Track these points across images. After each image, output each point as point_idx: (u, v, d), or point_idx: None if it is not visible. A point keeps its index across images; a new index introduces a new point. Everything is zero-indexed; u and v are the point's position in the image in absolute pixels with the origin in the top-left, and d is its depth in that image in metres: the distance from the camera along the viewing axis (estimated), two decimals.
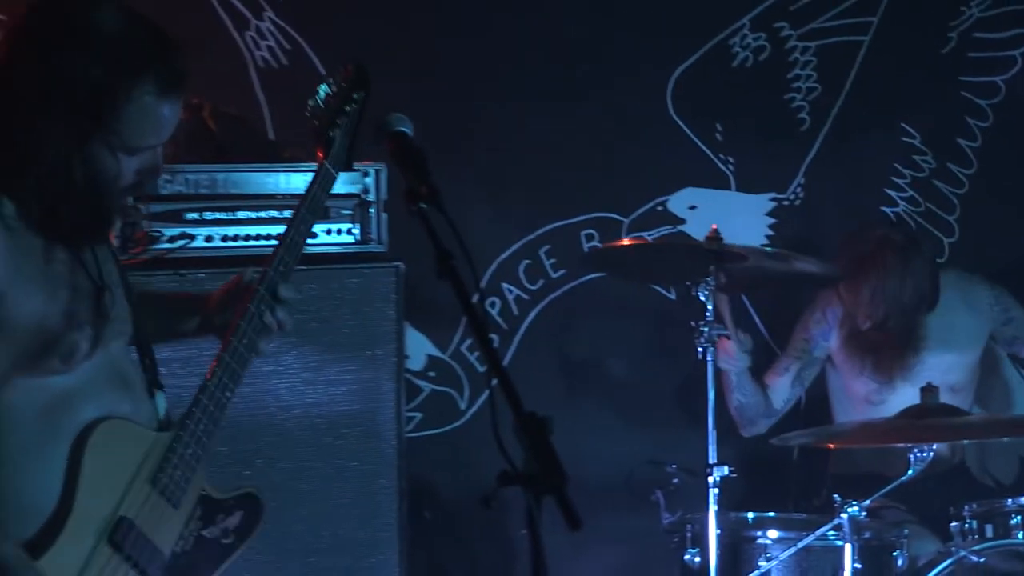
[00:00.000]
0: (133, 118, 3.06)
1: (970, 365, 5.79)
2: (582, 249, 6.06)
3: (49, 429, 3.11)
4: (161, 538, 3.21)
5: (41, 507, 3.08)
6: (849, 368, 5.81)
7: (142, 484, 3.19)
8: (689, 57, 6.20)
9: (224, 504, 3.36)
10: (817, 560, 4.97)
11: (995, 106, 6.50)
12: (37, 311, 3.07)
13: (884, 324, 5.61)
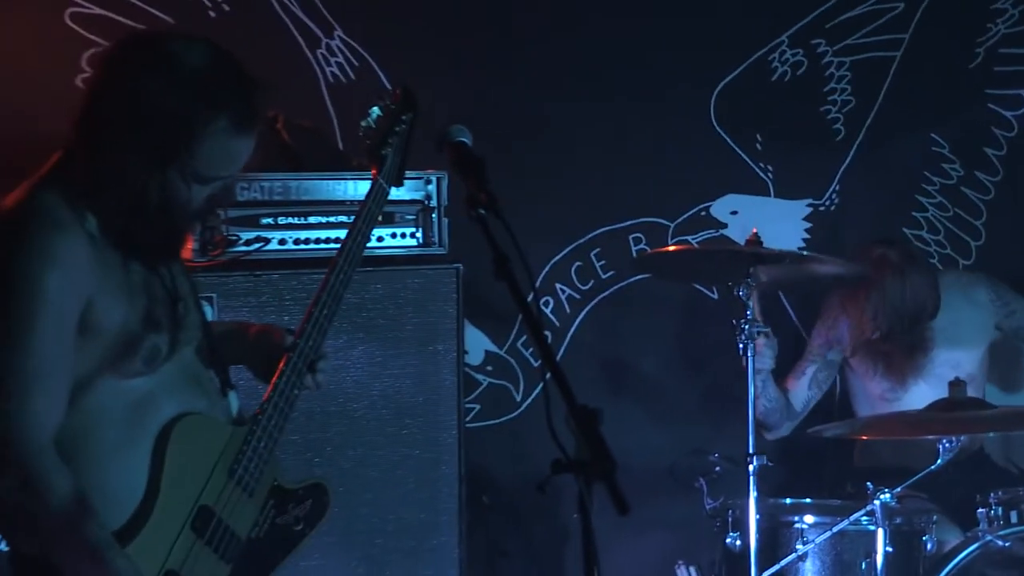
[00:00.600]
0: (208, 150, 3.08)
1: (977, 358, 5.76)
2: (630, 252, 6.06)
3: (134, 427, 3.15)
4: (238, 525, 3.25)
5: (128, 498, 3.12)
6: (863, 371, 5.80)
7: (221, 475, 3.23)
8: (731, 72, 6.18)
9: (295, 493, 3.40)
10: (851, 544, 4.95)
11: (1020, 117, 6.47)
12: (121, 317, 3.11)
13: (890, 335, 5.61)
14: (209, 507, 3.20)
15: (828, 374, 5.87)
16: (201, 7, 5.44)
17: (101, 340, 3.09)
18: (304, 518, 3.41)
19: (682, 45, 6.05)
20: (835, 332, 5.81)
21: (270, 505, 3.34)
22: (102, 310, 3.08)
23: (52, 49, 5.25)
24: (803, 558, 4.96)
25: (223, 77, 3.11)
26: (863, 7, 6.30)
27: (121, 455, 3.13)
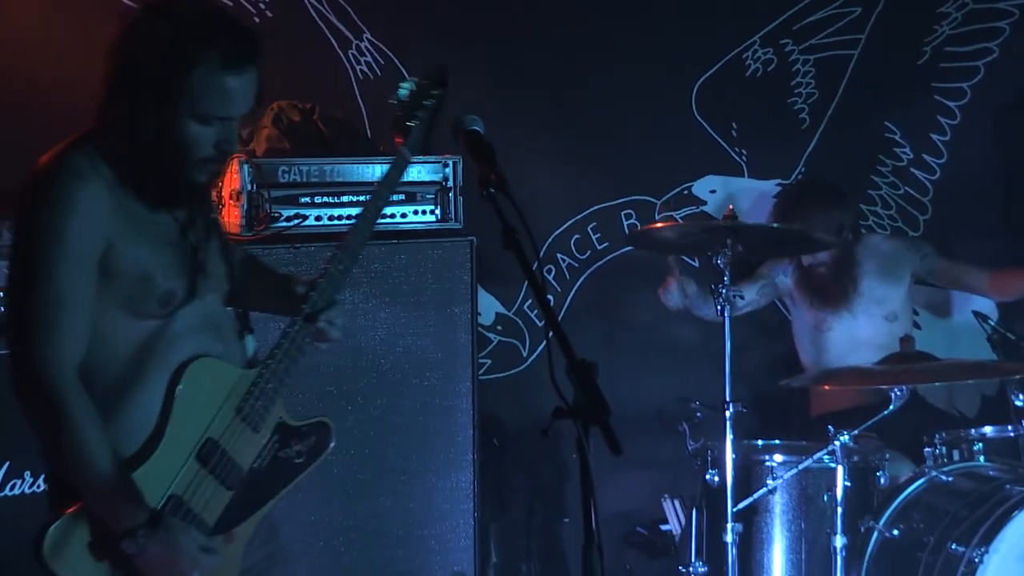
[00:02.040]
0: (200, 86, 2.99)
1: (900, 296, 5.79)
2: (622, 226, 6.07)
3: (150, 364, 3.10)
4: (241, 456, 3.20)
5: (139, 429, 3.09)
6: (801, 301, 5.87)
7: (228, 412, 3.18)
8: (710, 68, 6.18)
9: (298, 430, 3.33)
10: (814, 479, 4.95)
11: (962, 107, 6.46)
12: (140, 261, 3.05)
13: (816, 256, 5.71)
14: (214, 440, 3.15)
15: (771, 291, 5.95)
16: (247, 12, 5.44)
17: (119, 282, 3.05)
18: (306, 452, 3.33)
19: (668, 45, 6.05)
20: (780, 264, 5.90)
21: (273, 440, 3.27)
22: (121, 254, 3.04)
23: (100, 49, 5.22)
24: (773, 492, 4.96)
25: (213, 21, 3.04)
26: (825, 11, 6.29)
27: (136, 389, 3.09)
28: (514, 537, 5.27)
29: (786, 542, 5.01)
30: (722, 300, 4.85)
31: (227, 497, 3.18)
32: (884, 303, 5.74)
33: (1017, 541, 4.53)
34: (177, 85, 2.98)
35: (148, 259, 3.07)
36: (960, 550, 4.54)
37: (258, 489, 3.25)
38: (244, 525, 3.23)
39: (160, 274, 3.08)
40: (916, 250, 5.84)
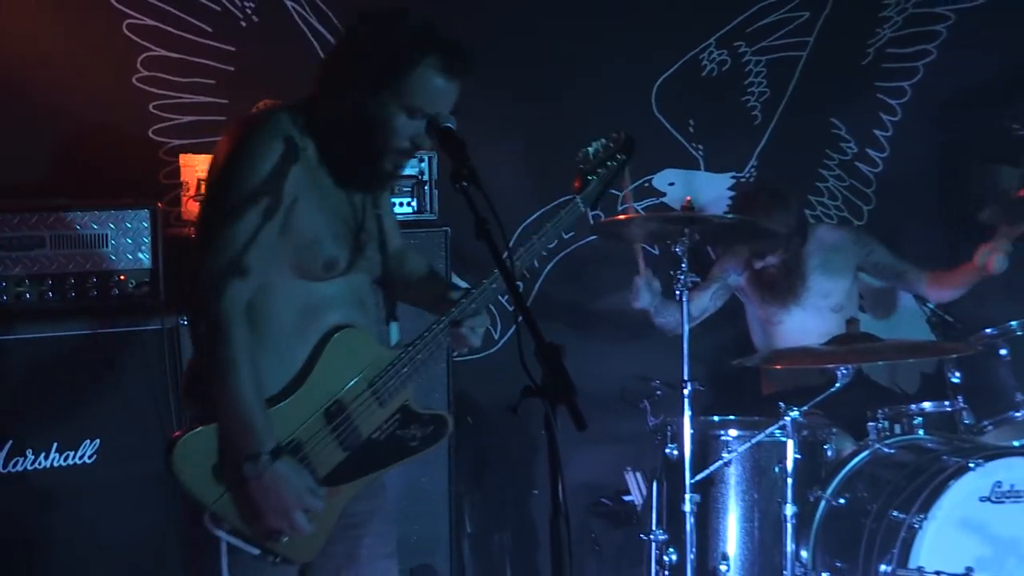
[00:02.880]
0: (417, 82, 3.14)
1: (844, 290, 5.78)
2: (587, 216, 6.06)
3: (305, 321, 3.22)
4: (363, 425, 3.29)
5: (284, 375, 3.21)
6: (752, 297, 5.88)
7: (362, 383, 3.28)
8: (669, 69, 6.18)
9: (420, 416, 3.41)
10: (766, 452, 4.98)
11: (903, 104, 6.49)
12: (314, 226, 3.18)
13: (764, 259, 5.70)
14: (343, 403, 3.25)
15: (725, 292, 5.94)
16: (234, 18, 5.42)
17: (294, 240, 3.15)
18: (422, 438, 3.40)
19: (630, 47, 6.04)
20: (731, 264, 5.89)
21: (395, 418, 3.36)
22: (301, 213, 3.15)
23: (111, 54, 5.22)
24: (728, 464, 4.98)
25: (438, 33, 3.18)
26: (775, 15, 6.29)
27: (289, 340, 3.20)
28: (487, 509, 5.27)
29: (740, 511, 5.03)
30: (680, 285, 4.85)
31: (341, 456, 3.27)
32: (830, 296, 5.74)
33: (953, 508, 4.56)
34: (397, 79, 3.13)
35: (322, 225, 3.19)
36: (901, 517, 4.57)
37: (371, 457, 3.33)
38: (349, 485, 3.32)
39: (328, 241, 3.20)
40: (863, 246, 5.83)
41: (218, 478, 3.13)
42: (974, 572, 4.43)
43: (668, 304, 5.54)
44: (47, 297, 4.34)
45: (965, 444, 4.90)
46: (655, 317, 5.62)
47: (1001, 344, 5.03)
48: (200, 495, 3.13)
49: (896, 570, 4.49)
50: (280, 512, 3.13)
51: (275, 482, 3.10)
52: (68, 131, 5.10)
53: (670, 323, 5.60)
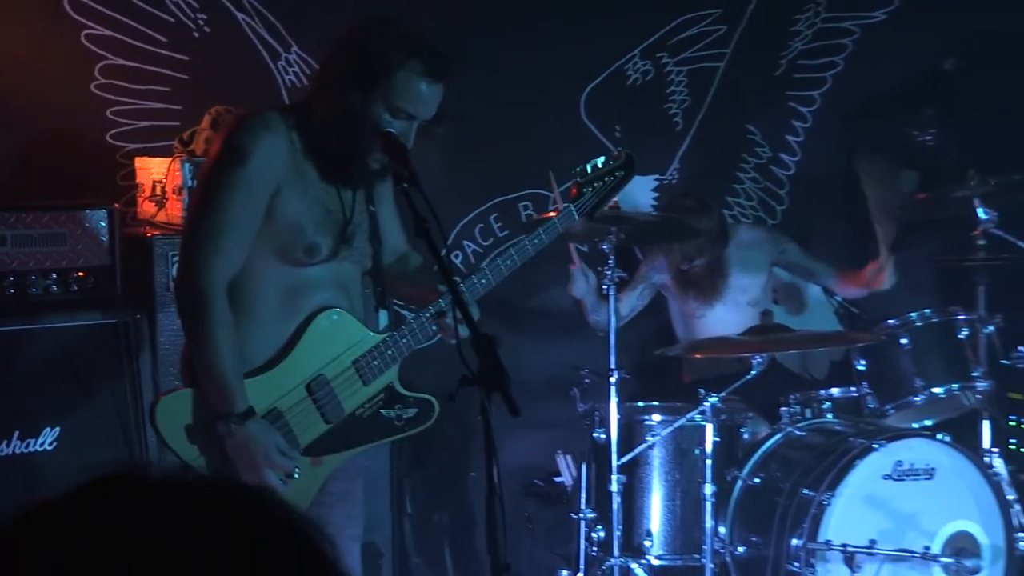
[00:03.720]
0: (402, 83, 3.18)
1: (760, 285, 5.80)
2: (520, 216, 6.07)
3: (289, 303, 3.28)
4: (346, 400, 3.34)
5: (266, 350, 3.29)
6: (676, 295, 5.89)
7: (346, 361, 3.33)
8: (597, 78, 6.19)
9: (404, 398, 3.44)
10: (688, 435, 5.00)
11: (813, 112, 6.53)
12: (297, 213, 3.23)
13: (693, 262, 5.71)
14: (326, 377, 3.29)
15: (651, 291, 5.94)
16: (188, 29, 5.37)
17: (277, 226, 3.22)
18: (407, 420, 3.43)
19: (560, 58, 6.04)
20: (656, 264, 5.89)
21: (379, 397, 3.38)
22: (284, 201, 3.21)
23: (70, 63, 5.16)
24: (652, 447, 5.00)
25: (422, 39, 3.24)
26: (695, 28, 6.32)
27: (274, 319, 3.27)
28: (427, 490, 5.26)
29: (663, 490, 5.05)
30: (607, 280, 4.87)
31: (323, 428, 3.31)
32: (748, 291, 5.77)
33: (859, 486, 4.61)
34: (383, 80, 3.17)
35: (304, 213, 3.24)
36: (811, 494, 4.60)
37: (354, 432, 3.36)
38: (332, 456, 3.35)
39: (310, 228, 3.24)
40: (776, 244, 5.86)
41: (196, 438, 3.19)
42: (877, 544, 4.48)
43: (602, 303, 5.56)
44: (9, 293, 4.29)
45: (869, 427, 4.95)
46: (590, 315, 5.63)
47: (902, 334, 5.09)
48: (182, 453, 3.20)
49: (806, 544, 4.53)
50: (252, 469, 3.17)
51: (246, 441, 3.15)
52: (29, 136, 5.05)
53: (603, 321, 5.61)
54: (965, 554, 4.66)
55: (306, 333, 3.26)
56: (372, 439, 3.40)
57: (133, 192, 4.95)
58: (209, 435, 3.18)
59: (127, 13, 5.26)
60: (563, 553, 5.19)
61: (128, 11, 5.27)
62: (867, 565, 4.46)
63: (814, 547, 4.52)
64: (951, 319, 5.12)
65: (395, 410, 3.40)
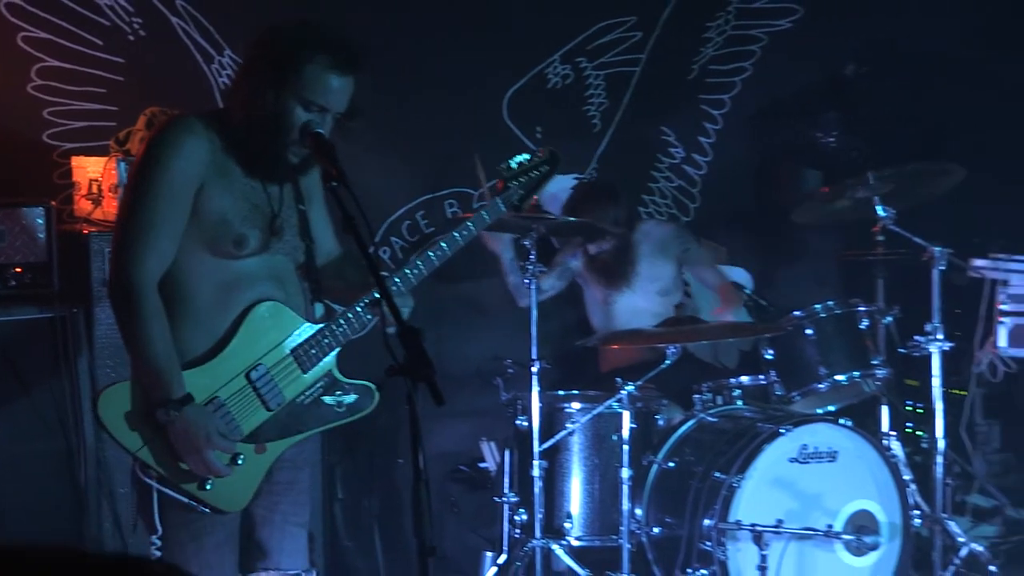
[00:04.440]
0: (310, 79, 3.16)
1: (670, 276, 5.82)
2: (445, 213, 6.06)
3: (224, 297, 3.24)
4: (286, 388, 3.30)
5: (205, 341, 3.24)
6: (590, 280, 5.89)
7: (283, 350, 3.29)
8: (519, 81, 6.19)
9: (344, 385, 3.40)
10: (606, 422, 5.01)
11: (723, 115, 6.58)
12: (222, 208, 3.20)
13: (600, 246, 5.72)
14: (265, 366, 3.26)
15: (568, 274, 5.93)
16: (123, 32, 5.31)
17: (204, 221, 3.19)
18: (348, 406, 3.40)
19: (484, 63, 6.04)
20: (570, 252, 5.91)
21: (320, 385, 3.35)
22: (208, 198, 3.19)
23: (6, 65, 5.08)
24: (572, 434, 5.00)
25: (329, 34, 3.22)
26: (612, 35, 6.34)
27: (211, 312, 3.23)
28: (357, 477, 5.24)
29: (583, 474, 5.06)
30: (529, 275, 4.88)
31: (265, 415, 3.27)
32: (657, 281, 5.80)
33: (767, 468, 4.64)
34: (293, 75, 3.15)
35: (229, 208, 3.21)
36: (722, 477, 4.63)
37: (295, 419, 3.32)
38: (276, 443, 3.30)
39: (237, 221, 3.21)
40: (682, 242, 5.86)
41: (138, 428, 3.15)
42: (784, 523, 4.51)
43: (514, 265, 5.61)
44: None
45: (777, 412, 4.99)
46: (520, 300, 5.64)
47: (807, 325, 5.12)
48: (125, 443, 3.16)
49: (718, 524, 4.56)
50: (194, 453, 3.14)
51: (185, 426, 3.11)
52: None
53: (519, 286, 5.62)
54: (865, 531, 4.72)
55: (244, 324, 3.23)
56: (314, 425, 3.37)
57: (70, 190, 4.88)
58: (151, 424, 3.14)
59: (63, 16, 5.19)
60: (487, 535, 5.19)
61: (64, 14, 5.19)
62: (774, 543, 4.50)
63: (725, 527, 4.54)
64: (852, 311, 5.17)
65: (336, 397, 3.37)
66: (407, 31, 5.84)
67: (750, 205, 6.69)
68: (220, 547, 3.27)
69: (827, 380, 5.10)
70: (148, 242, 3.15)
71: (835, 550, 4.70)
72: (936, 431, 5.13)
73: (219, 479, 3.20)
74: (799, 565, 4.63)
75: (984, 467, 6.03)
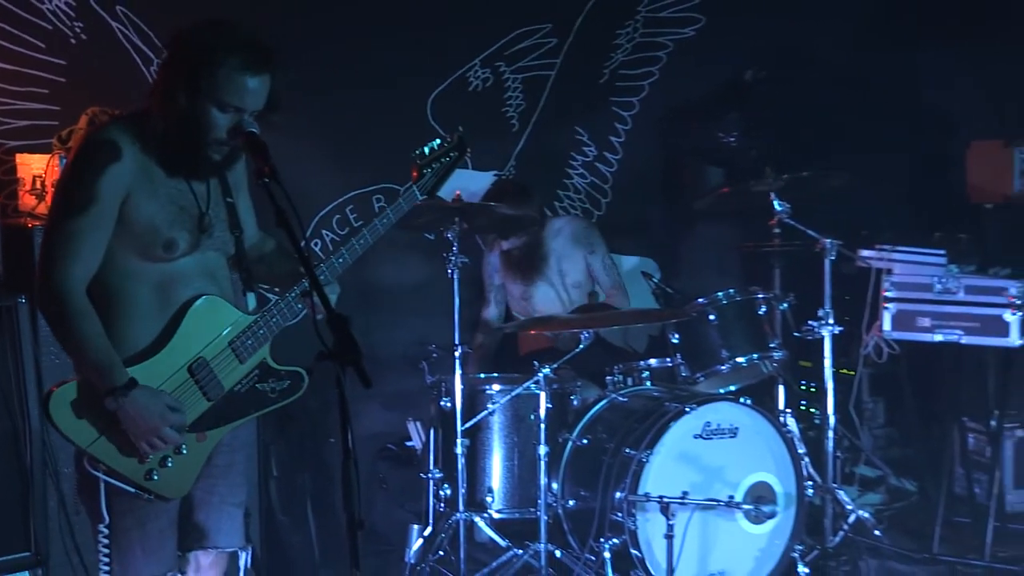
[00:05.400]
0: (224, 81, 3.07)
1: (580, 270, 5.80)
2: (373, 207, 6.02)
3: (161, 297, 3.17)
4: (225, 378, 3.25)
5: (144, 338, 3.17)
6: (508, 278, 5.87)
7: (222, 342, 3.24)
8: (442, 84, 6.17)
9: (277, 372, 3.36)
10: (524, 403, 5.02)
11: (633, 116, 6.60)
12: (150, 214, 3.12)
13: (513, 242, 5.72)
14: (205, 359, 3.21)
15: (503, 293, 5.93)
16: (65, 36, 5.24)
17: (133, 229, 3.12)
18: (280, 391, 3.35)
19: (409, 66, 6.01)
20: (489, 267, 5.90)
21: (255, 373, 3.30)
22: (134, 206, 3.11)
23: None
24: (492, 413, 5.01)
25: (241, 36, 3.12)
26: (529, 40, 6.34)
27: (150, 312, 3.16)
28: (290, 455, 5.20)
29: (503, 452, 5.07)
30: (451, 266, 4.86)
31: (205, 406, 3.22)
32: (568, 275, 5.78)
33: (673, 444, 4.66)
34: (207, 78, 3.06)
35: (156, 214, 3.13)
36: (632, 453, 4.65)
37: (233, 407, 3.28)
38: (216, 431, 3.26)
39: (164, 226, 3.13)
40: (588, 242, 5.82)
41: (91, 422, 3.09)
42: (689, 495, 4.55)
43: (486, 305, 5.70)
44: None
45: (682, 392, 5.01)
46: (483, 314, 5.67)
47: (710, 311, 5.16)
48: (76, 440, 3.10)
49: (628, 496, 4.58)
50: (148, 432, 3.09)
51: (136, 408, 3.06)
52: None
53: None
54: (763, 501, 4.76)
55: (184, 320, 3.18)
56: (250, 411, 3.33)
57: (14, 186, 4.79)
58: (103, 418, 3.08)
59: (6, 20, 5.10)
60: (414, 509, 5.18)
61: (7, 18, 5.10)
62: (680, 513, 4.53)
63: (635, 499, 4.57)
64: (751, 298, 5.22)
65: (269, 384, 3.34)
66: (339, 38, 5.80)
67: (658, 200, 6.73)
68: (163, 532, 3.23)
69: (728, 362, 5.14)
70: (72, 252, 3.07)
71: (736, 519, 4.74)
72: (827, 408, 5.21)
73: (164, 469, 3.16)
74: (703, 533, 4.67)
75: (870, 441, 6.13)
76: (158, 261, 3.15)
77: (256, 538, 4.64)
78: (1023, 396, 5.67)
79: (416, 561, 4.85)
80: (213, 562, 3.40)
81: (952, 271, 5.32)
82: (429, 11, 6.06)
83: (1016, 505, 5.65)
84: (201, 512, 3.35)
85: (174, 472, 3.18)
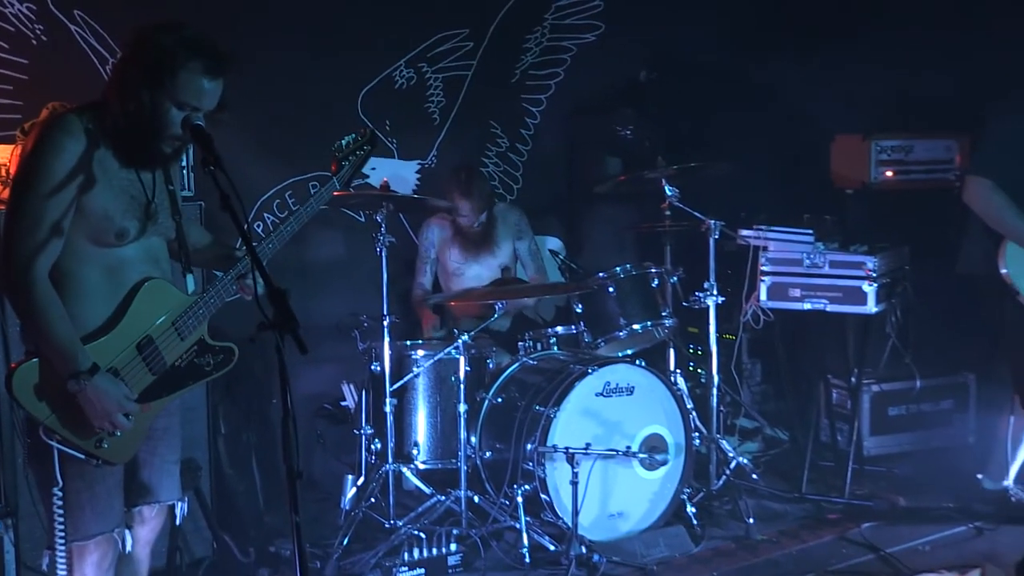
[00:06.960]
0: (185, 81, 3.00)
1: (508, 253, 5.81)
2: (310, 192, 5.94)
3: (110, 280, 3.11)
4: (168, 354, 3.20)
5: (96, 318, 3.10)
6: (453, 250, 5.82)
7: (167, 322, 3.19)
8: (370, 82, 6.12)
9: (212, 347, 3.32)
10: (445, 366, 5.04)
11: (541, 111, 6.61)
12: (104, 205, 3.05)
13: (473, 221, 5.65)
14: (152, 338, 3.17)
15: (435, 268, 5.89)
16: (27, 37, 5.12)
17: (88, 217, 3.04)
18: (215, 364, 3.32)
19: (341, 66, 5.95)
20: (427, 240, 5.85)
21: (193, 349, 3.26)
22: (91, 196, 3.02)
23: None
24: (417, 376, 5.02)
25: (202, 40, 3.04)
26: (449, 43, 6.31)
27: (101, 293, 3.10)
28: (236, 414, 5.15)
29: (427, 410, 5.08)
30: (380, 245, 4.85)
31: (150, 379, 3.18)
32: (498, 256, 5.79)
33: (578, 402, 4.71)
34: (168, 79, 2.98)
35: (111, 203, 3.05)
36: (541, 409, 4.69)
37: (174, 380, 3.24)
38: (158, 402, 3.22)
39: (118, 216, 3.06)
40: (517, 229, 5.84)
41: (46, 399, 3.03)
42: (591, 446, 4.60)
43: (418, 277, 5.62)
44: None
45: (586, 356, 5.06)
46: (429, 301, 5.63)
47: (609, 284, 5.20)
48: (35, 413, 3.04)
49: (538, 448, 4.62)
50: (104, 416, 3.04)
51: (96, 393, 3.01)
52: None
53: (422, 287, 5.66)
54: (657, 451, 4.83)
55: (134, 302, 3.13)
56: (189, 383, 3.30)
57: None
58: (59, 394, 3.01)
59: None
60: (348, 461, 5.17)
61: None
62: (584, 462, 4.57)
63: (544, 450, 4.61)
64: (646, 272, 5.27)
65: (205, 358, 3.31)
66: (278, 42, 5.72)
67: (563, 186, 6.75)
68: (111, 492, 3.19)
69: (626, 329, 5.19)
70: (35, 241, 2.97)
71: (632, 466, 4.81)
72: (712, 369, 5.29)
73: (112, 438, 3.12)
74: (604, 479, 4.73)
75: (749, 396, 6.24)
76: (108, 247, 3.09)
77: (206, 489, 4.60)
78: (878, 356, 5.81)
79: (350, 508, 4.85)
80: (156, 514, 3.40)
81: (819, 248, 5.42)
82: (359, 17, 6.00)
83: (872, 450, 5.79)
84: (145, 471, 3.32)
85: (121, 440, 3.15)
